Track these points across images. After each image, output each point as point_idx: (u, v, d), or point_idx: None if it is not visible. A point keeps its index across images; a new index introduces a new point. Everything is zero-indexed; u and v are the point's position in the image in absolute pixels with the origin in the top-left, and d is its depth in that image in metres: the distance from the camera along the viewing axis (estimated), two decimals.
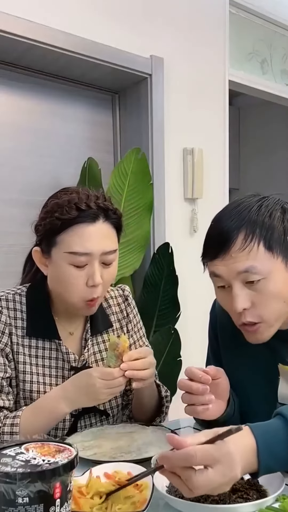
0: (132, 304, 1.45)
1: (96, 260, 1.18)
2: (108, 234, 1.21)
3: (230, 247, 1.06)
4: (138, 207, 2.43)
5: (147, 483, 0.92)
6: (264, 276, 1.06)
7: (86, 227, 1.17)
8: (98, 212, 1.19)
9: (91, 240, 1.17)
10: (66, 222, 1.16)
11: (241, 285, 1.07)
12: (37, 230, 1.24)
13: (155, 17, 2.54)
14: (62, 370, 1.29)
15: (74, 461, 0.70)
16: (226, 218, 1.09)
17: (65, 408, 1.18)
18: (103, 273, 1.20)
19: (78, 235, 1.17)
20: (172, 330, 2.41)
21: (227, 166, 2.94)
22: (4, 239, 2.37)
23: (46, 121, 2.50)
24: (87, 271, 1.18)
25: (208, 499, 0.87)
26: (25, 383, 1.26)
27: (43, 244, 1.22)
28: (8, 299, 1.28)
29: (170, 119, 2.62)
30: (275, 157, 4.35)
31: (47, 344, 1.29)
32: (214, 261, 1.10)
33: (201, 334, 1.50)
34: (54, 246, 1.19)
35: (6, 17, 2.02)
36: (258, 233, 1.05)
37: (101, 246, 1.18)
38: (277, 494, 0.87)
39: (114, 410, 1.37)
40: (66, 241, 1.17)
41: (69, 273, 1.18)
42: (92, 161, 2.41)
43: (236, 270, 1.06)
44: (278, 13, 3.14)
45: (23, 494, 0.65)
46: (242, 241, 1.05)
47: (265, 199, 1.12)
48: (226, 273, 1.08)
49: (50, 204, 1.21)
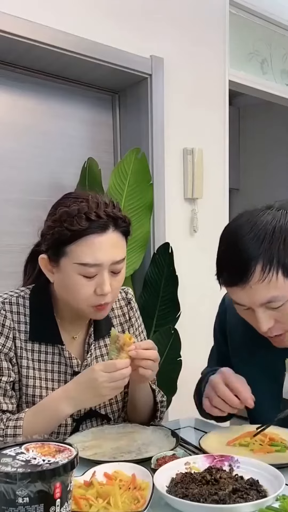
0: (134, 307, 1.45)
1: (105, 270, 1.17)
2: (117, 243, 1.20)
3: (249, 278, 1.06)
4: (138, 207, 2.42)
5: (147, 483, 0.92)
6: (286, 299, 1.08)
7: (96, 237, 1.15)
8: (108, 221, 1.17)
9: (101, 251, 1.16)
10: (76, 233, 1.14)
11: (264, 309, 1.10)
12: (44, 237, 1.22)
13: (155, 17, 2.54)
14: (65, 375, 1.28)
15: (74, 461, 0.70)
16: (241, 245, 1.08)
17: (67, 408, 1.16)
18: (112, 281, 1.19)
19: (88, 246, 1.15)
20: (172, 330, 2.41)
21: (227, 166, 2.94)
22: (4, 239, 2.36)
23: (46, 121, 2.50)
24: (97, 280, 1.17)
25: (208, 499, 0.87)
26: (28, 387, 1.25)
27: (51, 253, 1.20)
28: (11, 302, 1.27)
29: (170, 119, 2.62)
30: (275, 157, 4.35)
31: (50, 348, 1.28)
32: (233, 288, 1.11)
33: (201, 334, 1.50)
34: (63, 256, 1.17)
35: (6, 17, 2.02)
36: (275, 263, 1.05)
37: (111, 256, 1.17)
38: (277, 494, 0.87)
39: (115, 414, 1.36)
40: (76, 252, 1.15)
41: (78, 283, 1.17)
42: (92, 161, 2.41)
43: (259, 302, 1.08)
44: (278, 13, 3.14)
45: (23, 494, 0.65)
46: (261, 273, 1.05)
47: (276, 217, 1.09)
48: (248, 302, 1.10)
49: (59, 213, 1.17)
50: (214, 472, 0.95)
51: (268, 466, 0.97)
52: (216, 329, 1.43)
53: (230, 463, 1.01)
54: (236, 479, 0.94)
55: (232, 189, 3.15)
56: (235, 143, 4.22)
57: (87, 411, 1.29)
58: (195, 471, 0.98)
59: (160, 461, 1.04)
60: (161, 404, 1.37)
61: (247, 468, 0.99)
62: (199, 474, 0.95)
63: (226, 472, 0.97)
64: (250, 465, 0.99)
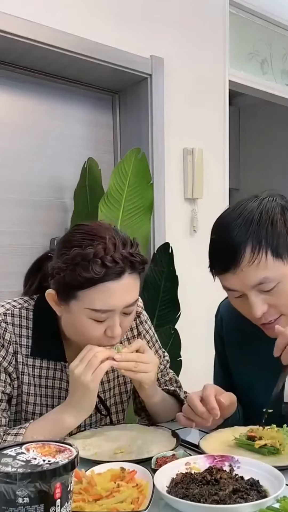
0: (144, 320, 1.40)
1: (117, 314, 1.13)
2: (131, 287, 1.14)
3: (239, 261, 1.07)
4: (138, 207, 2.42)
5: (147, 483, 0.92)
6: (278, 281, 1.08)
7: (110, 284, 1.09)
8: (125, 266, 1.10)
9: (114, 297, 1.10)
10: (91, 280, 1.08)
11: (256, 293, 1.10)
12: (53, 277, 1.14)
13: (155, 17, 2.54)
14: (66, 392, 1.24)
15: (74, 461, 0.70)
16: (230, 231, 1.09)
17: (69, 418, 1.12)
18: (123, 321, 1.15)
19: (102, 292, 1.09)
20: (172, 330, 2.41)
21: (227, 166, 2.94)
22: (4, 239, 2.36)
23: (46, 121, 2.50)
24: (107, 323, 1.13)
25: (208, 499, 0.87)
26: (28, 404, 1.22)
27: (61, 293, 1.14)
28: (14, 314, 1.22)
29: (170, 119, 2.62)
30: (275, 157, 4.35)
31: (52, 364, 1.24)
32: (225, 275, 1.11)
33: (201, 334, 1.50)
34: (73, 298, 1.11)
35: (6, 17, 2.02)
36: (264, 244, 1.06)
37: (124, 302, 1.12)
38: (277, 495, 0.87)
39: (120, 415, 1.35)
40: (88, 298, 1.10)
41: (88, 326, 1.13)
42: (92, 161, 2.41)
43: (250, 284, 1.08)
44: (278, 13, 3.14)
45: (24, 494, 0.65)
46: (250, 255, 1.06)
47: (263, 203, 1.12)
48: (239, 286, 1.10)
49: (72, 254, 1.09)
50: (215, 472, 0.95)
51: (268, 466, 0.97)
52: (216, 340, 1.43)
53: (231, 463, 1.01)
54: (237, 479, 0.94)
55: (232, 189, 3.14)
56: (235, 143, 4.21)
57: None
58: (195, 471, 0.98)
59: (160, 461, 1.04)
60: None
61: (247, 469, 0.98)
62: (199, 474, 0.95)
63: (226, 472, 0.96)
64: (251, 465, 0.99)
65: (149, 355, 1.19)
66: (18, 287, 1.39)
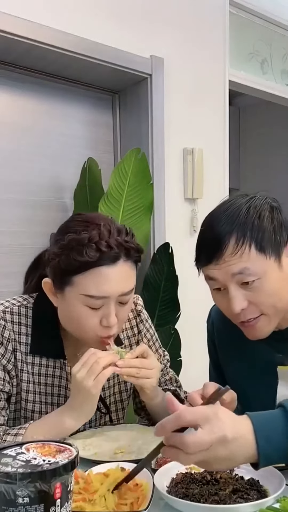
0: (144, 319, 1.40)
1: (112, 302, 1.13)
2: (127, 274, 1.14)
3: (222, 251, 1.07)
4: (138, 207, 2.42)
5: (147, 483, 0.92)
6: (258, 276, 1.07)
7: (105, 269, 1.09)
8: (119, 252, 1.11)
9: (109, 284, 1.10)
10: (84, 264, 1.08)
11: (236, 287, 1.09)
12: (50, 263, 1.15)
13: (155, 17, 2.54)
14: (65, 390, 1.24)
15: (74, 461, 0.70)
16: (217, 223, 1.10)
17: (69, 420, 1.12)
18: (119, 311, 1.15)
19: (96, 278, 1.09)
20: (172, 330, 2.41)
21: (227, 166, 2.94)
22: (4, 239, 2.36)
23: (46, 121, 2.50)
24: (103, 312, 1.13)
25: (208, 499, 0.87)
26: (27, 402, 1.22)
27: (56, 280, 1.15)
28: (13, 311, 1.22)
29: (170, 119, 2.62)
30: (275, 157, 4.35)
31: (51, 362, 1.24)
32: (208, 266, 1.11)
33: (201, 334, 1.50)
34: (68, 284, 1.12)
35: (6, 17, 2.02)
36: (249, 236, 1.07)
37: (119, 289, 1.12)
38: (278, 495, 0.87)
39: (120, 413, 1.35)
40: (83, 283, 1.10)
41: (83, 313, 1.13)
42: (92, 161, 2.41)
43: (230, 272, 1.08)
44: (278, 13, 3.14)
45: (24, 494, 0.65)
46: (234, 245, 1.06)
47: (253, 200, 1.12)
48: (220, 276, 1.09)
49: (68, 239, 1.10)
50: (214, 472, 0.95)
51: (268, 466, 0.97)
52: (209, 344, 1.43)
53: None
54: (237, 479, 0.94)
55: (232, 189, 3.14)
56: (235, 143, 4.22)
57: None
58: (195, 471, 0.98)
59: (160, 461, 1.04)
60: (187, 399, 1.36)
61: (247, 468, 0.98)
62: (199, 474, 0.95)
63: (226, 472, 0.97)
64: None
65: (151, 360, 1.18)
66: (18, 287, 1.40)
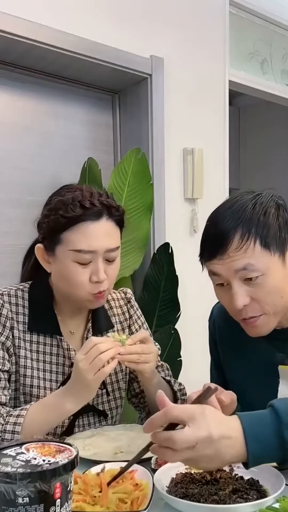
0: (135, 306, 1.46)
1: (100, 257, 1.20)
2: (111, 232, 1.23)
3: (227, 247, 1.07)
4: (138, 207, 2.42)
5: (147, 483, 0.92)
6: (262, 272, 1.07)
7: (90, 224, 1.19)
8: (102, 209, 1.21)
9: (95, 238, 1.19)
10: (71, 220, 1.18)
11: (239, 283, 1.09)
12: (40, 227, 1.25)
13: (155, 17, 2.54)
14: (63, 367, 1.29)
15: (74, 461, 0.70)
16: (222, 218, 1.10)
17: (70, 405, 1.15)
18: (107, 269, 1.22)
19: (83, 233, 1.18)
20: (172, 330, 2.41)
21: (227, 166, 2.94)
22: (4, 239, 2.37)
23: (46, 121, 2.50)
24: (92, 268, 1.20)
25: (208, 499, 0.87)
26: (26, 377, 1.25)
27: (47, 241, 1.23)
28: (10, 294, 1.29)
29: (170, 119, 2.62)
30: (275, 157, 4.35)
31: (48, 339, 1.29)
32: (212, 261, 1.11)
33: (201, 334, 1.50)
34: (58, 243, 1.20)
35: (6, 17, 2.02)
36: (254, 232, 1.07)
37: (105, 244, 1.20)
38: (277, 494, 0.87)
39: (113, 411, 1.37)
40: (70, 239, 1.19)
41: (73, 270, 1.20)
42: (92, 161, 2.41)
43: (234, 268, 1.07)
44: (278, 13, 3.14)
45: (24, 494, 0.65)
46: (239, 241, 1.06)
47: (259, 196, 1.12)
48: (224, 271, 1.09)
49: (54, 202, 1.21)
50: (214, 472, 0.95)
51: (268, 466, 0.97)
52: (210, 344, 1.43)
53: None
54: (236, 479, 0.94)
55: (232, 189, 3.14)
56: (235, 143, 4.22)
57: (84, 406, 1.27)
58: (195, 471, 0.98)
59: (160, 461, 1.04)
60: (181, 393, 1.38)
61: None
62: (199, 474, 0.95)
63: (226, 472, 0.97)
64: None
65: (150, 345, 1.22)
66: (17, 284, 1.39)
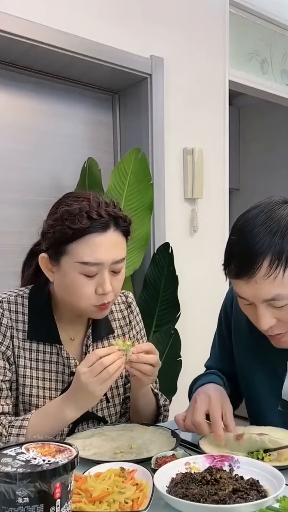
0: (135, 311, 1.44)
1: (106, 269, 1.17)
2: (118, 243, 1.20)
3: (255, 272, 1.03)
4: (138, 207, 2.42)
5: (147, 483, 0.92)
6: None
7: (97, 236, 1.16)
8: (109, 220, 1.18)
9: (102, 250, 1.16)
10: (78, 232, 1.15)
11: (266, 307, 1.08)
12: (45, 237, 1.21)
13: (155, 17, 2.54)
14: (62, 375, 1.28)
15: (74, 461, 0.70)
16: (252, 237, 1.04)
17: (69, 412, 1.14)
18: (113, 280, 1.19)
19: (90, 245, 1.15)
20: (172, 330, 2.41)
21: (227, 166, 2.94)
22: (4, 239, 2.37)
23: (46, 121, 2.50)
24: (97, 280, 1.18)
25: (208, 499, 0.87)
26: (25, 387, 1.25)
27: (52, 252, 1.20)
28: (10, 301, 1.27)
29: (170, 119, 2.62)
30: (275, 157, 4.35)
31: (47, 348, 1.27)
32: (237, 281, 1.08)
33: (201, 334, 1.50)
34: (64, 254, 1.17)
35: (6, 17, 2.02)
36: (284, 260, 1.03)
37: (111, 256, 1.17)
38: (277, 494, 0.87)
39: (113, 417, 1.36)
40: (77, 251, 1.15)
41: (79, 282, 1.17)
42: (92, 161, 2.41)
43: (262, 298, 1.06)
44: (278, 13, 3.14)
45: (23, 494, 0.65)
46: (267, 268, 1.02)
47: None
48: (251, 297, 1.08)
49: (60, 212, 1.18)
50: (214, 472, 0.95)
51: (268, 466, 0.97)
52: (222, 320, 1.41)
53: (230, 463, 1.01)
54: (236, 479, 0.94)
55: (232, 189, 3.15)
56: (235, 143, 4.21)
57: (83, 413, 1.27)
58: (195, 471, 0.98)
59: (160, 461, 1.04)
60: (164, 408, 1.37)
61: (247, 468, 0.99)
62: (199, 474, 0.95)
63: (226, 472, 0.97)
64: (250, 465, 0.99)
65: (156, 357, 1.20)
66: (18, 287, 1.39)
